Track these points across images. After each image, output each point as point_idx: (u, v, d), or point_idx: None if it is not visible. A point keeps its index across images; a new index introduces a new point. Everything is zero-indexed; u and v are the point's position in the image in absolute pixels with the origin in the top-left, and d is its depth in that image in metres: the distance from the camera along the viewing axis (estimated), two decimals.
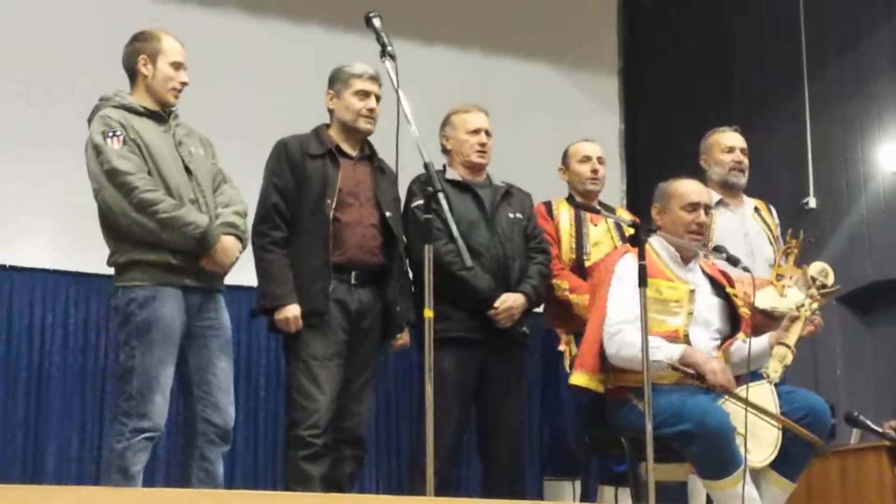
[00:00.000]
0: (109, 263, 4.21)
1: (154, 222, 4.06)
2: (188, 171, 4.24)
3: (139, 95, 4.28)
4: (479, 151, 4.91)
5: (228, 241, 4.21)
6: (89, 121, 4.25)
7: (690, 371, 4.04)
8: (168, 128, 4.28)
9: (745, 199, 5.29)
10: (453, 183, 4.84)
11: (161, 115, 4.29)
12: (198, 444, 4.18)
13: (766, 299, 4.70)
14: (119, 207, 4.08)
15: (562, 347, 5.08)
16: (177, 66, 4.30)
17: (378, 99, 4.59)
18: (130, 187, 4.06)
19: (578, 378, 4.25)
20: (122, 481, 3.95)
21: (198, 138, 4.40)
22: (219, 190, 4.37)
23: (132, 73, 4.31)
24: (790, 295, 4.74)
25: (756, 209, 5.28)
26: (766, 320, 4.60)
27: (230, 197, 4.37)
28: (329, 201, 4.44)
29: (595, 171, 5.26)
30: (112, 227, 4.15)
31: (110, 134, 4.11)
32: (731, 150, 5.23)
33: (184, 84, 4.32)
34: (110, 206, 4.10)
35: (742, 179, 5.24)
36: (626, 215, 5.32)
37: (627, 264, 4.23)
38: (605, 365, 4.23)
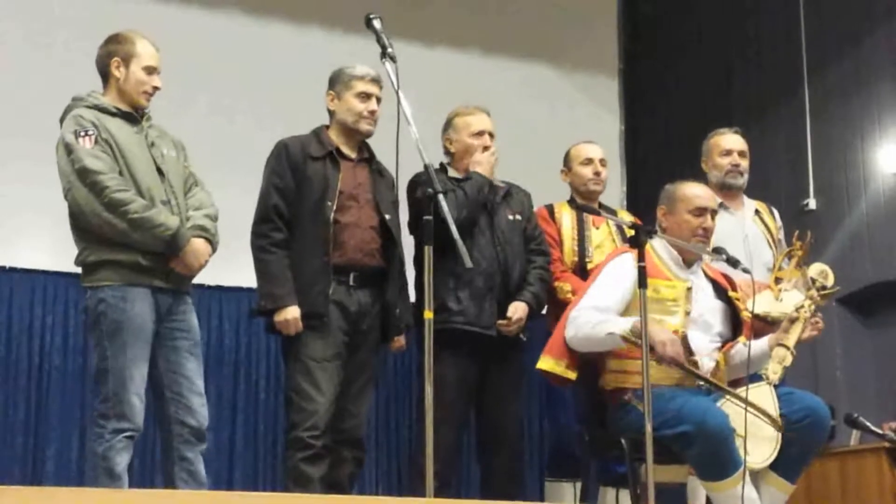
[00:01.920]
0: (77, 263, 4.21)
1: (125, 222, 4.06)
2: (160, 172, 4.24)
3: (111, 96, 4.28)
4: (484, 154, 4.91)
5: (198, 244, 4.21)
6: (61, 120, 4.25)
7: (640, 342, 4.03)
8: (141, 129, 4.28)
9: (746, 200, 5.29)
10: (454, 180, 4.84)
11: (134, 116, 4.28)
12: (175, 446, 4.17)
13: (761, 304, 4.70)
14: (89, 207, 4.07)
15: None
16: (150, 70, 4.29)
17: (379, 101, 4.59)
18: (101, 187, 4.05)
19: (544, 363, 4.26)
20: (109, 482, 3.96)
21: (170, 140, 4.40)
22: (190, 192, 4.37)
23: (105, 75, 4.31)
24: (786, 299, 4.74)
25: (757, 211, 5.27)
26: (761, 325, 4.60)
27: (201, 200, 4.37)
28: (329, 203, 4.44)
29: (598, 174, 5.27)
30: (81, 226, 4.15)
31: (82, 133, 4.11)
32: (728, 152, 5.23)
33: (156, 88, 4.30)
34: (80, 206, 4.09)
35: (740, 180, 5.23)
36: (627, 217, 5.33)
37: (621, 262, 4.24)
38: (574, 353, 4.23)
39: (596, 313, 4.16)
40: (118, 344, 4.07)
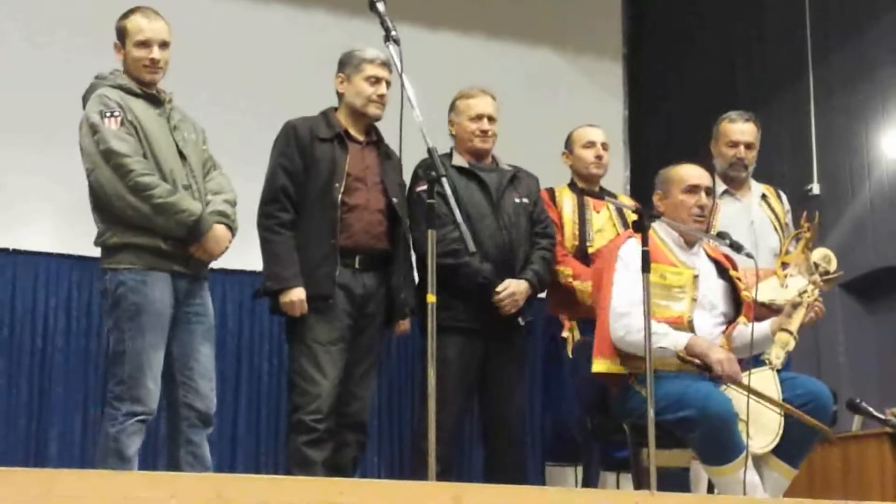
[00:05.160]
0: (97, 243, 4.20)
1: (148, 206, 4.05)
2: (182, 156, 4.23)
3: (128, 76, 4.27)
4: (481, 137, 4.89)
5: (219, 231, 4.21)
6: (84, 98, 4.23)
7: (697, 361, 4.03)
8: (163, 111, 4.27)
9: (753, 185, 5.26)
10: (459, 169, 4.83)
11: (157, 98, 4.27)
12: (182, 430, 4.19)
13: (766, 291, 4.69)
14: (113, 189, 4.07)
15: (564, 334, 5.09)
16: (142, 44, 4.22)
17: (388, 85, 4.58)
18: (127, 169, 4.05)
19: (600, 365, 4.19)
20: (119, 464, 3.96)
21: (191, 123, 4.39)
22: (208, 176, 4.36)
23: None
24: (791, 285, 4.72)
25: (764, 196, 5.25)
26: (766, 312, 4.59)
27: (220, 184, 4.36)
28: (337, 185, 4.44)
29: (599, 157, 5.25)
30: (104, 207, 4.13)
31: (108, 114, 4.10)
32: (734, 144, 5.19)
33: (154, 61, 4.22)
34: (104, 187, 4.08)
35: (742, 174, 5.21)
36: (628, 201, 5.32)
37: (631, 248, 4.23)
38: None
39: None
40: (136, 327, 4.07)
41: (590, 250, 5.07)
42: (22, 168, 6.05)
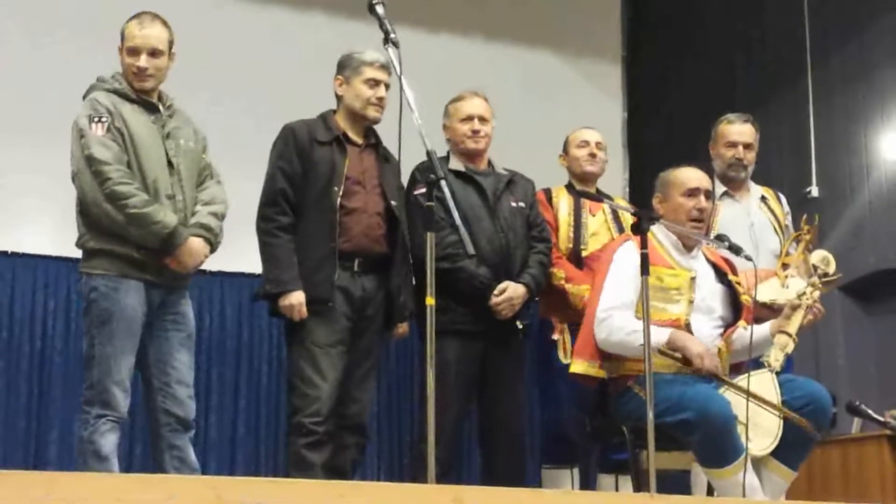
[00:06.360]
0: (77, 245, 4.22)
1: (122, 216, 4.05)
2: (171, 164, 4.21)
3: (126, 80, 4.27)
4: (472, 138, 4.89)
5: (195, 244, 4.19)
6: (84, 99, 4.23)
7: (677, 355, 4.05)
8: (158, 118, 4.25)
9: (752, 187, 5.27)
10: (455, 173, 4.84)
11: (153, 104, 4.26)
12: (163, 434, 4.20)
13: (767, 292, 4.69)
14: (92, 194, 4.08)
15: (556, 336, 5.08)
16: (131, 51, 4.23)
17: (387, 87, 4.58)
18: (105, 177, 4.05)
19: (577, 366, 4.25)
20: (98, 465, 3.98)
21: (191, 130, 4.37)
22: (203, 185, 4.34)
23: None
24: (792, 286, 4.73)
25: (763, 198, 5.25)
26: (767, 313, 4.59)
27: (212, 195, 4.35)
28: (336, 189, 4.44)
29: (592, 155, 5.26)
30: (84, 211, 4.15)
31: (95, 119, 4.10)
32: (733, 145, 5.20)
33: (140, 69, 4.21)
34: (85, 192, 4.11)
35: (742, 174, 5.21)
36: (624, 204, 5.32)
37: (627, 251, 4.24)
38: (604, 352, 4.23)
39: (629, 316, 4.14)
40: (106, 333, 4.08)
41: (584, 253, 5.08)
42: (22, 168, 6.04)
